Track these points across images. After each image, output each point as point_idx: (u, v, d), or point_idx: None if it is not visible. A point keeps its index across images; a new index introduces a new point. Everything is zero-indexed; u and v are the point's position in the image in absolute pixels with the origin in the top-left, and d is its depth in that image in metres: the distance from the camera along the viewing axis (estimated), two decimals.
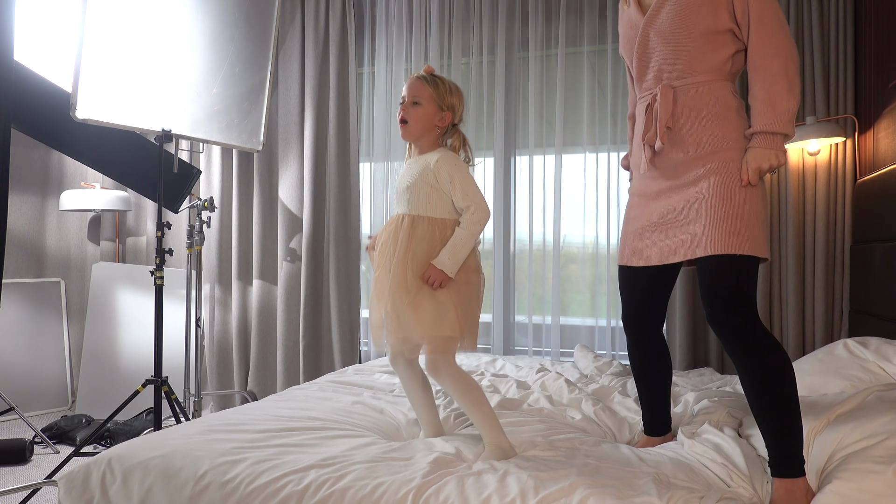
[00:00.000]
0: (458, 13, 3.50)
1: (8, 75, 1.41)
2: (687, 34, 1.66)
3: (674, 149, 1.71)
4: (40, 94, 2.78)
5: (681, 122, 1.69)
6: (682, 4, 1.66)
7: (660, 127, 1.70)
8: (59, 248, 4.13)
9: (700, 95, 1.67)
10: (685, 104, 1.68)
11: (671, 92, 1.69)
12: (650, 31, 1.73)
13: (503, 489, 1.41)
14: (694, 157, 1.67)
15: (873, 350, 2.15)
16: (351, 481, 1.45)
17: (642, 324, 1.89)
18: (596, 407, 2.06)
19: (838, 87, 2.92)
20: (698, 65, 1.67)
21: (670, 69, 1.71)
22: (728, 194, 1.59)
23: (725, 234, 1.56)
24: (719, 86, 1.67)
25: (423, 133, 1.81)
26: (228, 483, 1.48)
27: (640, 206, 1.81)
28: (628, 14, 1.82)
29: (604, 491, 1.39)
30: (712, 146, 1.64)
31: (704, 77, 1.67)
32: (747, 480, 1.52)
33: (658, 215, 1.74)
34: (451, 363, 1.74)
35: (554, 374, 2.51)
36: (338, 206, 3.63)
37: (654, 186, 1.77)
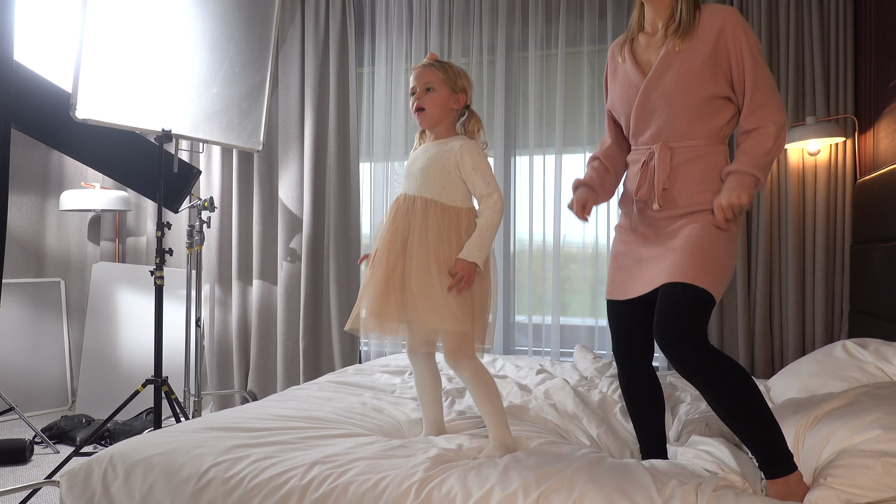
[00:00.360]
0: (458, 13, 3.50)
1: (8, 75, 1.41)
2: (689, 98, 1.71)
3: (666, 206, 1.77)
4: (40, 94, 2.78)
5: (675, 182, 1.75)
6: (685, 69, 1.70)
7: (657, 187, 1.76)
8: (59, 248, 4.13)
9: (696, 159, 1.73)
10: (681, 165, 1.75)
11: (669, 153, 1.75)
12: (652, 93, 1.76)
13: (505, 481, 1.42)
14: (682, 213, 1.74)
15: (872, 351, 2.15)
16: (354, 476, 1.45)
17: (632, 355, 1.90)
18: (599, 430, 2.05)
19: (838, 87, 2.92)
20: (697, 129, 1.73)
21: (669, 130, 1.75)
22: (702, 238, 1.66)
23: (693, 266, 1.62)
24: (714, 150, 1.74)
25: (441, 118, 1.82)
26: (231, 479, 1.48)
27: (627, 243, 1.88)
28: (624, 70, 1.85)
29: (603, 483, 1.40)
30: (701, 206, 1.71)
31: (701, 141, 1.73)
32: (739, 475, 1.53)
33: (645, 254, 1.81)
34: (472, 355, 1.76)
35: (559, 380, 2.46)
36: (338, 206, 3.63)
37: (642, 231, 1.84)
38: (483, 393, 1.74)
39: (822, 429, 1.55)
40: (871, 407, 1.55)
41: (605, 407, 2.28)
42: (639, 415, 1.91)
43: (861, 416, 1.52)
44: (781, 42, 3.00)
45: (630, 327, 1.88)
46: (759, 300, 3.00)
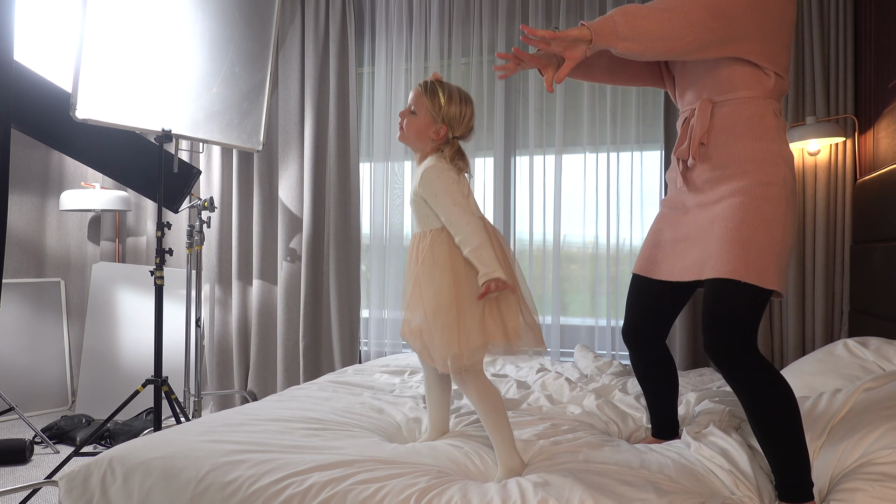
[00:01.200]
0: (458, 13, 3.50)
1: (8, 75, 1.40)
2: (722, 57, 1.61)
3: (705, 165, 1.65)
4: (40, 94, 2.78)
5: (715, 138, 1.63)
6: None
7: (693, 142, 1.64)
8: (59, 248, 4.13)
9: (738, 112, 1.60)
10: (722, 120, 1.62)
11: (709, 107, 1.64)
12: None
13: (505, 494, 1.41)
14: (722, 175, 1.61)
15: (873, 350, 2.15)
16: (353, 484, 1.45)
17: (643, 337, 1.86)
18: (598, 401, 2.06)
19: (838, 87, 2.92)
20: (739, 80, 1.61)
21: (710, 87, 1.66)
22: (746, 218, 1.52)
23: (733, 258, 1.49)
24: (760, 103, 1.60)
25: (415, 142, 1.78)
26: (230, 484, 1.48)
27: (669, 218, 1.78)
28: None
29: (603, 495, 1.39)
30: (743, 166, 1.57)
31: (746, 93, 1.60)
32: (754, 490, 1.50)
33: (682, 231, 1.72)
34: (479, 374, 1.69)
35: (554, 373, 2.51)
36: (338, 206, 3.63)
37: (685, 201, 1.73)
38: (490, 416, 1.66)
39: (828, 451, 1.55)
40: (871, 422, 1.55)
41: (603, 391, 2.31)
42: (651, 391, 1.89)
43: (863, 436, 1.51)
44: None
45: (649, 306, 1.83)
46: None
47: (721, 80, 1.62)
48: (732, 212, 1.54)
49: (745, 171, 1.56)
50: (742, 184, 1.55)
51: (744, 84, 1.60)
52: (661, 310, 1.83)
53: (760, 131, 1.58)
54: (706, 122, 1.63)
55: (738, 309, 1.48)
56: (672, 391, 1.89)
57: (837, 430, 1.59)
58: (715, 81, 1.63)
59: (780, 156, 1.56)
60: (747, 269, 1.48)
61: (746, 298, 1.48)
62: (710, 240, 1.58)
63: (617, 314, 3.29)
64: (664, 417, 1.89)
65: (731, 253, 1.50)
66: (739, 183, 1.56)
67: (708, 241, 1.59)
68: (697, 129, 1.63)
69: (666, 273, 1.75)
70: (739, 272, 1.48)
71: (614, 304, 3.28)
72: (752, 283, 1.48)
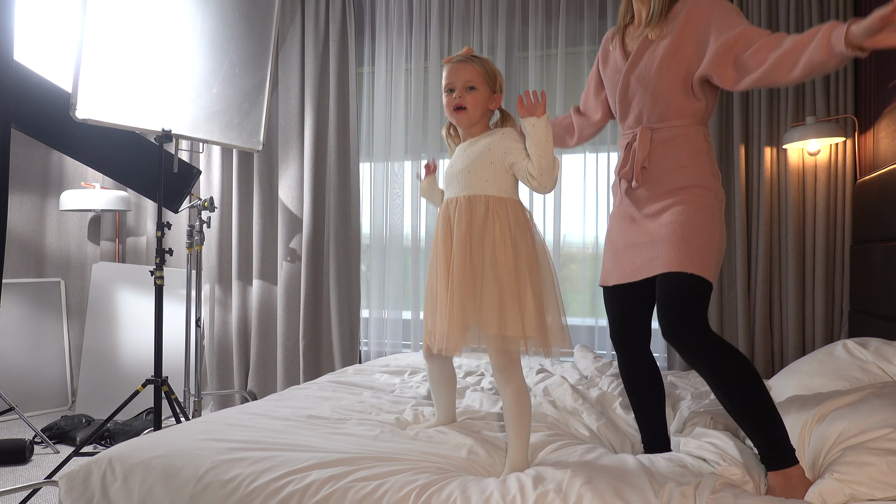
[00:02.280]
0: (458, 13, 3.50)
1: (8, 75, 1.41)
2: (664, 81, 1.77)
3: (648, 185, 1.83)
4: (40, 94, 2.78)
5: (656, 161, 1.81)
6: (659, 53, 1.77)
7: (636, 166, 1.82)
8: (59, 248, 4.13)
9: (675, 139, 1.79)
10: (661, 147, 1.80)
11: (649, 133, 1.81)
12: (631, 77, 1.84)
13: (504, 489, 1.41)
14: (664, 191, 1.79)
15: (873, 351, 2.14)
16: (353, 481, 1.45)
17: (628, 341, 1.94)
18: (599, 423, 2.06)
19: (838, 87, 2.92)
20: (674, 110, 1.79)
21: (649, 113, 1.82)
22: (688, 222, 1.71)
23: (680, 254, 1.67)
24: (693, 130, 1.79)
25: (479, 118, 1.76)
26: (229, 482, 1.48)
27: (618, 229, 1.93)
28: (614, 57, 1.93)
29: (599, 486, 1.41)
30: (681, 183, 1.76)
31: (680, 122, 1.79)
32: (742, 468, 1.53)
33: (630, 238, 1.86)
34: (521, 374, 1.68)
35: (558, 377, 2.49)
36: (338, 206, 3.63)
37: (631, 213, 1.89)
38: (518, 416, 1.65)
39: (828, 426, 1.55)
40: (879, 406, 1.55)
41: (605, 402, 2.29)
42: (639, 402, 1.93)
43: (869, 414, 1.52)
44: None
45: (624, 313, 1.93)
46: (759, 300, 2.99)
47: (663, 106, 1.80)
48: (676, 217, 1.73)
49: (683, 187, 1.76)
50: (683, 196, 1.76)
51: (679, 112, 1.79)
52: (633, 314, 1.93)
53: (694, 153, 1.78)
54: (647, 149, 1.81)
55: (689, 296, 1.65)
56: (660, 400, 1.92)
57: (838, 413, 1.59)
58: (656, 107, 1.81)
59: (713, 174, 1.79)
60: (692, 262, 1.66)
61: (694, 287, 1.65)
62: (657, 241, 1.75)
63: None
64: (655, 431, 1.91)
65: (678, 250, 1.68)
66: (680, 195, 1.76)
67: (655, 243, 1.76)
68: (639, 155, 1.82)
69: (620, 277, 1.88)
70: (685, 265, 1.66)
71: None
72: (696, 274, 1.65)
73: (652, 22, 1.77)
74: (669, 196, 1.77)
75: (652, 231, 1.79)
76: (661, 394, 1.92)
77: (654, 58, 1.77)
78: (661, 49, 1.76)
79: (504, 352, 1.65)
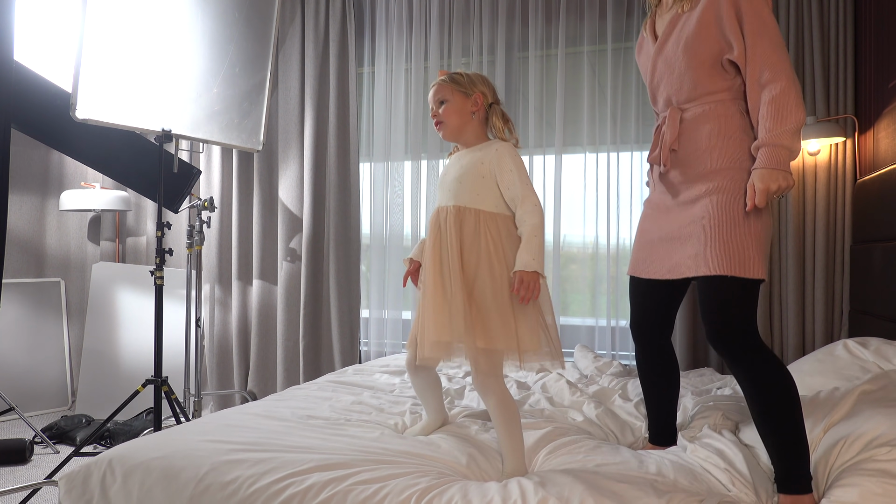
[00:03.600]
0: (458, 13, 3.50)
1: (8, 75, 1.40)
2: (689, 61, 1.69)
3: (679, 169, 1.74)
4: (40, 94, 2.78)
5: (687, 142, 1.72)
6: (685, 33, 1.69)
7: (664, 149, 1.74)
8: (59, 248, 4.13)
9: (705, 117, 1.69)
10: (690, 126, 1.71)
11: (678, 114, 1.73)
12: (658, 60, 1.78)
13: (505, 494, 1.41)
14: (697, 176, 1.69)
15: (873, 350, 2.15)
16: (353, 484, 1.45)
17: (649, 333, 1.90)
18: (598, 410, 2.06)
19: (838, 87, 2.92)
20: (703, 89, 1.69)
21: (677, 94, 1.74)
22: (724, 215, 1.60)
23: (719, 255, 1.58)
24: (725, 106, 1.68)
25: (461, 125, 1.78)
26: (230, 484, 1.47)
27: (652, 218, 1.85)
28: (646, 43, 1.87)
29: (602, 495, 1.39)
30: (714, 165, 1.65)
31: (711, 98, 1.69)
32: (750, 487, 1.51)
33: (666, 230, 1.78)
34: (502, 384, 1.68)
35: (555, 374, 2.51)
36: (338, 206, 3.63)
37: (665, 201, 1.80)
38: (505, 424, 1.65)
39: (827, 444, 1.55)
40: (871, 418, 1.55)
41: (603, 395, 2.29)
42: (652, 394, 1.91)
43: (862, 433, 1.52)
44: None
45: (649, 306, 1.88)
46: (760, 300, 2.99)
47: (690, 87, 1.71)
48: (711, 211, 1.62)
49: (717, 170, 1.65)
50: (716, 182, 1.64)
51: (709, 90, 1.69)
52: (658, 307, 1.87)
53: (727, 130, 1.66)
54: (676, 129, 1.73)
55: (731, 300, 1.57)
56: (672, 394, 1.90)
57: (834, 430, 1.59)
58: (683, 88, 1.72)
59: (750, 152, 1.64)
60: (731, 263, 1.56)
61: (736, 289, 1.57)
62: (694, 239, 1.66)
63: (617, 314, 3.29)
64: (663, 423, 1.90)
65: (715, 250, 1.58)
66: (714, 182, 1.65)
67: (691, 240, 1.67)
68: (668, 137, 1.74)
69: (655, 272, 1.80)
70: (725, 267, 1.56)
71: (614, 304, 3.28)
72: (738, 276, 1.56)
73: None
74: (703, 181, 1.67)
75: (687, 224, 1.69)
76: (675, 388, 1.90)
77: (679, 38, 1.70)
78: (686, 29, 1.68)
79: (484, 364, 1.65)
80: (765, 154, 1.55)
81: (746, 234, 1.58)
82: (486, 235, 1.69)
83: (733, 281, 1.56)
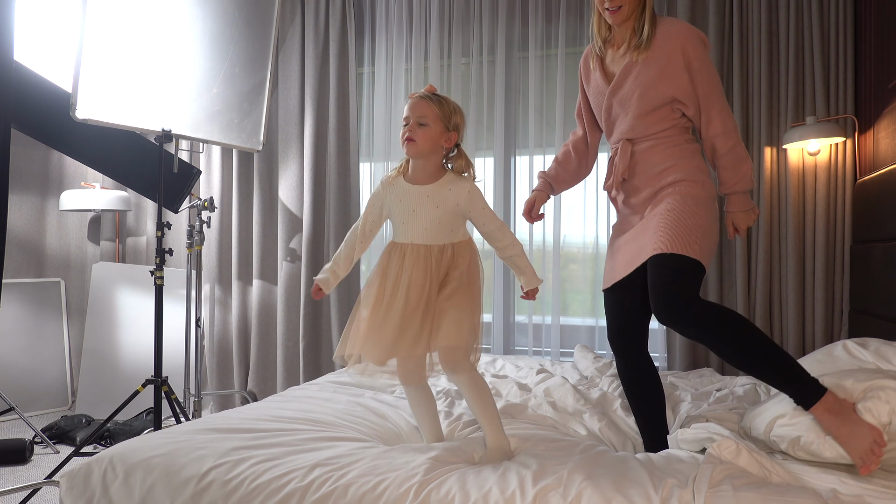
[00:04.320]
0: (458, 13, 3.50)
1: (8, 75, 1.41)
2: (644, 105, 1.85)
3: (637, 192, 1.92)
4: (40, 94, 2.78)
5: (640, 171, 1.91)
6: (641, 78, 1.84)
7: (616, 179, 1.93)
8: (59, 248, 4.13)
9: (656, 148, 1.88)
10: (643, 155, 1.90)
11: (629, 147, 1.92)
12: (613, 100, 1.93)
13: (503, 483, 1.42)
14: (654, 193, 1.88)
15: (873, 351, 2.14)
16: (354, 477, 1.46)
17: (626, 344, 1.96)
18: (601, 424, 2.06)
19: (838, 87, 2.92)
20: (655, 128, 1.88)
21: (631, 132, 1.91)
22: (674, 210, 1.77)
23: (664, 238, 1.72)
24: (674, 137, 1.88)
25: (430, 153, 1.80)
26: (231, 481, 1.48)
27: (616, 238, 2.01)
28: (595, 78, 2.01)
29: (599, 481, 1.41)
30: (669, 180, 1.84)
31: (662, 134, 1.88)
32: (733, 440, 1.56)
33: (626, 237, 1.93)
34: (467, 364, 1.78)
35: (559, 378, 2.47)
36: (338, 206, 3.63)
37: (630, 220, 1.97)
38: (478, 399, 1.76)
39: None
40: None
41: (606, 403, 2.28)
42: (639, 406, 1.94)
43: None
44: (781, 42, 3.00)
45: (622, 312, 1.96)
46: (759, 300, 3.00)
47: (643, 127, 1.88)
48: (663, 208, 1.81)
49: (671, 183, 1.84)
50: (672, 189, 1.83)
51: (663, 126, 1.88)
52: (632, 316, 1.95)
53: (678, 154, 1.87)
54: (626, 161, 1.91)
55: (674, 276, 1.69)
56: (659, 404, 1.93)
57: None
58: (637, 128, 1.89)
59: (700, 169, 1.86)
60: (673, 243, 1.71)
61: (679, 266, 1.69)
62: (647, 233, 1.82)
63: None
64: (656, 434, 1.91)
65: (661, 235, 1.74)
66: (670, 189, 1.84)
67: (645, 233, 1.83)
68: (619, 168, 1.92)
69: (615, 274, 1.93)
70: (668, 246, 1.71)
71: None
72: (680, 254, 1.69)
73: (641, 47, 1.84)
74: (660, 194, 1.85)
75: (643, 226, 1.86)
76: (660, 397, 1.93)
77: (637, 83, 1.85)
78: (641, 79, 1.85)
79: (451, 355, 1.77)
80: (735, 200, 1.89)
81: (692, 224, 1.74)
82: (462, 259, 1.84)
83: (678, 258, 1.69)
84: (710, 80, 1.83)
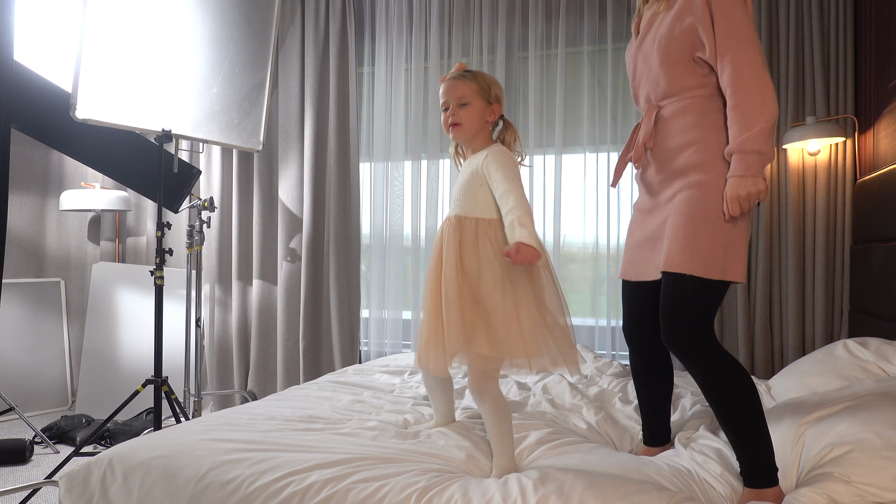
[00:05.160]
0: (458, 13, 3.50)
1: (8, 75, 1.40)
2: (663, 58, 1.67)
3: (656, 167, 1.73)
4: (40, 94, 2.78)
5: (662, 139, 1.70)
6: (662, 31, 1.69)
7: (639, 146, 1.74)
8: (59, 248, 4.13)
9: (682, 112, 1.67)
10: (667, 123, 1.70)
11: (654, 112, 1.72)
12: (639, 55, 1.79)
13: (505, 491, 1.41)
14: (673, 173, 1.68)
15: (873, 351, 2.14)
16: (354, 482, 1.45)
17: (643, 336, 1.89)
18: (598, 417, 2.06)
19: (838, 87, 2.92)
20: (678, 85, 1.67)
21: (654, 91, 1.73)
22: (692, 213, 1.57)
23: (681, 253, 1.55)
24: (702, 102, 1.65)
25: (477, 131, 1.75)
26: (230, 483, 1.48)
27: (637, 220, 1.85)
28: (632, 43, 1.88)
29: (602, 490, 1.39)
30: (690, 160, 1.63)
31: (688, 95, 1.67)
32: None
33: (648, 231, 1.78)
34: (496, 388, 1.68)
35: (556, 376, 2.50)
36: (338, 206, 3.63)
37: (646, 203, 1.81)
38: (498, 426, 1.65)
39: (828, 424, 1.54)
40: (881, 405, 1.54)
41: (604, 398, 2.29)
42: (646, 396, 1.91)
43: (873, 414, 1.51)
44: (781, 42, 2.99)
45: (639, 309, 1.87)
46: (759, 300, 2.99)
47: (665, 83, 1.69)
48: (680, 207, 1.60)
49: (693, 166, 1.62)
50: (690, 179, 1.62)
51: (686, 86, 1.66)
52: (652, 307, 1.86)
53: (705, 125, 1.63)
54: (651, 126, 1.71)
55: (689, 300, 1.55)
56: (666, 394, 1.90)
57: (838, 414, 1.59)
58: (660, 85, 1.70)
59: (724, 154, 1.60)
60: (692, 262, 1.53)
61: (695, 289, 1.54)
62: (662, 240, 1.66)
63: (617, 314, 3.29)
64: (657, 424, 1.90)
65: (679, 248, 1.56)
66: (687, 179, 1.63)
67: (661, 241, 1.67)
68: (642, 135, 1.73)
69: (641, 274, 1.81)
70: (685, 266, 1.54)
71: (614, 304, 3.29)
72: (697, 276, 1.53)
73: None
74: (679, 178, 1.65)
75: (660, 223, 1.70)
76: (668, 389, 1.90)
77: (655, 36, 1.70)
78: (662, 27, 1.68)
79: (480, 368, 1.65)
80: (735, 162, 1.53)
81: (715, 234, 1.54)
82: (486, 242, 1.67)
83: (692, 280, 1.54)
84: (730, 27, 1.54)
